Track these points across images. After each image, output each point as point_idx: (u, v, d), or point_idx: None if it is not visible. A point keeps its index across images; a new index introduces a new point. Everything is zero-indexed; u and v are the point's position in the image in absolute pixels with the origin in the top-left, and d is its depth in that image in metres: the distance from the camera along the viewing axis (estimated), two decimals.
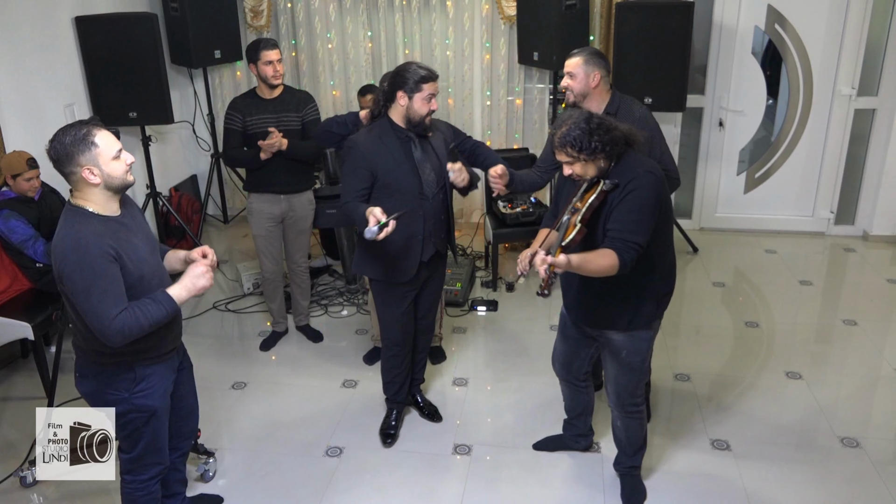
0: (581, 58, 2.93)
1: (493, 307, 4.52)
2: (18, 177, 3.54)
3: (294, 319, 4.25)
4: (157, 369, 2.34)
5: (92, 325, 2.10)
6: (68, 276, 2.08)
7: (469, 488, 3.00)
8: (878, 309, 4.41)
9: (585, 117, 2.38)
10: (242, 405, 3.59)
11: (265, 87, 3.71)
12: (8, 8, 3.91)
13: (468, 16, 5.19)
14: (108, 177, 2.14)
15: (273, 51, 3.62)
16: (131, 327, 2.10)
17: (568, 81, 2.97)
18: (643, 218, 2.38)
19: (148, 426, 2.37)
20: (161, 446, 2.45)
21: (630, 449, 2.86)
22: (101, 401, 2.34)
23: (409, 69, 2.87)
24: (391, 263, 3.00)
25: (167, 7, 4.97)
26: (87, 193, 2.16)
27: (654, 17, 4.52)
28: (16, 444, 3.29)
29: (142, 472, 2.44)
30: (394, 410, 3.35)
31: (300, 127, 3.77)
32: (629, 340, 2.60)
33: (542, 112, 5.35)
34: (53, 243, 2.15)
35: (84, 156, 2.10)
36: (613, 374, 2.70)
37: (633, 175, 2.38)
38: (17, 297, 3.69)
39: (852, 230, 5.48)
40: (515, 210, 4.68)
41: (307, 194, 3.93)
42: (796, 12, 5.04)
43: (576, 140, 2.36)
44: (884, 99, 5.13)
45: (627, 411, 2.75)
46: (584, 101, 2.96)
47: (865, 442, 3.20)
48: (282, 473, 3.11)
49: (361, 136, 2.97)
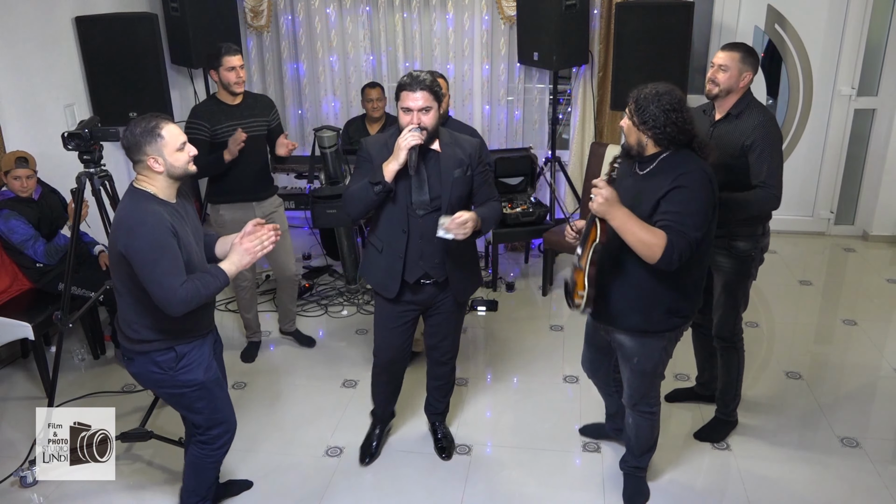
0: (739, 53, 2.81)
1: (493, 307, 4.52)
2: (8, 174, 3.54)
3: (281, 325, 4.19)
4: (195, 345, 2.47)
5: (157, 295, 2.23)
6: (136, 248, 2.22)
7: (469, 488, 3.00)
8: (878, 309, 4.41)
9: (673, 96, 2.32)
10: (242, 405, 3.59)
11: (227, 94, 3.63)
12: (8, 8, 3.91)
13: (468, 16, 5.19)
14: (171, 166, 2.32)
15: (236, 56, 3.56)
16: (193, 296, 2.26)
17: (717, 74, 2.84)
18: (694, 211, 2.29)
19: (202, 399, 2.52)
20: (225, 411, 2.63)
21: (637, 449, 2.85)
22: (150, 381, 2.51)
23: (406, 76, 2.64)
24: (379, 274, 2.84)
25: (167, 7, 4.96)
26: (151, 179, 2.34)
27: (654, 17, 4.52)
28: (16, 444, 3.29)
29: (214, 441, 2.61)
30: (376, 427, 3.20)
31: (266, 132, 3.74)
32: (640, 347, 2.56)
33: (542, 112, 5.35)
34: (116, 219, 2.32)
35: (151, 146, 2.29)
36: (627, 376, 2.69)
37: (686, 168, 2.32)
38: (18, 297, 3.69)
39: (852, 230, 5.48)
40: (515, 210, 4.68)
41: (275, 198, 3.90)
42: (796, 12, 5.05)
43: (639, 102, 2.35)
44: (884, 99, 5.13)
45: (640, 411, 2.74)
46: (724, 97, 2.86)
47: (865, 442, 3.20)
48: (282, 473, 3.11)
49: (373, 136, 2.92)
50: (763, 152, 2.77)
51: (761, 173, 2.77)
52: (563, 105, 5.28)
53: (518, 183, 4.92)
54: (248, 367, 3.94)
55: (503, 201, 4.75)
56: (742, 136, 2.80)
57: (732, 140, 2.82)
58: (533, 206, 4.70)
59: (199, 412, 2.55)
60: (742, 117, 2.84)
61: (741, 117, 2.84)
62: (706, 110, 3.02)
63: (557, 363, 3.88)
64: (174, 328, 2.39)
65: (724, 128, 2.88)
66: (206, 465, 2.66)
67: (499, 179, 4.88)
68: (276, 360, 4.03)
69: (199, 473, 2.67)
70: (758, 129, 2.77)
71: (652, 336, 2.53)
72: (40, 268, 3.68)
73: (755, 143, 2.77)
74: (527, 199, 4.79)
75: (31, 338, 3.52)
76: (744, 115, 2.84)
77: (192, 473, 2.68)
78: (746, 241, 2.92)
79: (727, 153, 2.81)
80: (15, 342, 3.75)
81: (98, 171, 2.93)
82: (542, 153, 5.22)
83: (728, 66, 2.81)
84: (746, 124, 2.80)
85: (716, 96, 2.88)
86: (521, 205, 4.72)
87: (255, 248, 2.38)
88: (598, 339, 2.79)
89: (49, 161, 3.84)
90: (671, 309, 2.49)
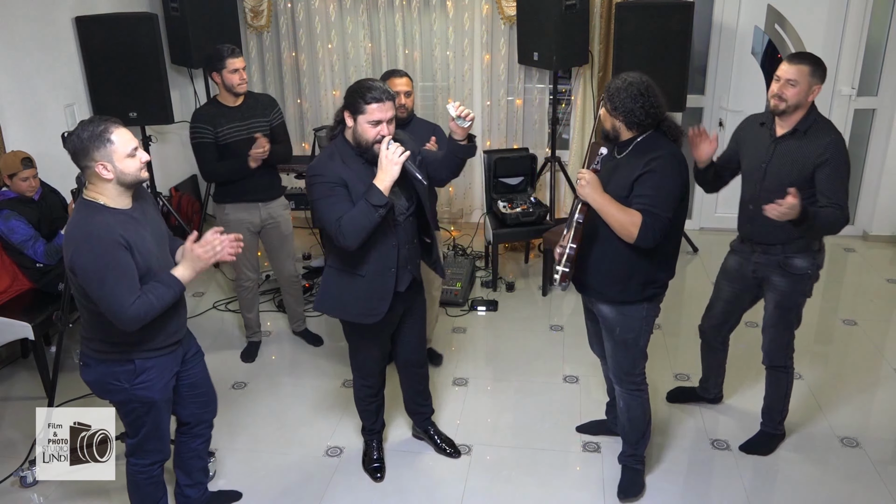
0: (808, 67, 2.67)
1: (493, 307, 4.52)
2: (15, 176, 3.54)
3: (291, 326, 4.23)
4: (157, 363, 2.38)
5: (108, 312, 2.16)
6: (82, 265, 2.14)
7: (469, 488, 3.00)
8: (878, 309, 4.41)
9: (641, 83, 2.48)
10: (242, 405, 3.59)
11: (229, 96, 3.61)
12: (8, 8, 3.91)
13: (468, 16, 5.19)
14: (121, 173, 2.20)
15: (238, 58, 3.55)
16: (146, 311, 2.19)
17: (785, 90, 2.69)
18: (665, 192, 2.44)
19: (149, 416, 2.43)
20: (162, 436, 2.51)
21: (632, 434, 2.85)
22: (103, 390, 2.41)
23: (360, 86, 2.52)
24: (360, 303, 2.70)
25: (167, 7, 4.96)
26: (99, 187, 2.22)
27: (654, 17, 4.52)
28: (16, 444, 3.29)
29: (143, 456, 2.51)
30: (373, 441, 3.14)
31: (268, 131, 3.71)
32: (620, 316, 2.65)
33: (542, 112, 5.35)
34: (65, 235, 2.22)
35: (99, 151, 2.16)
36: (611, 350, 2.75)
37: (658, 153, 2.46)
38: (18, 297, 3.69)
39: (852, 230, 5.48)
40: (515, 210, 4.68)
41: (282, 199, 3.89)
42: (796, 12, 5.04)
43: (610, 91, 2.51)
44: (883, 99, 5.13)
45: (627, 387, 2.78)
46: (791, 113, 2.72)
47: (865, 442, 3.20)
48: (282, 473, 3.11)
49: (321, 161, 2.58)
50: (834, 172, 2.65)
51: (833, 193, 2.65)
52: (563, 105, 5.28)
53: (518, 183, 4.92)
54: (248, 367, 3.94)
55: (503, 201, 4.75)
56: (812, 155, 2.68)
57: (801, 159, 2.71)
58: (533, 206, 4.70)
59: (140, 428, 2.44)
60: (810, 134, 2.71)
61: (809, 134, 2.71)
62: (764, 122, 2.87)
63: (557, 363, 3.88)
64: (133, 341, 2.30)
65: (791, 145, 2.75)
66: (140, 480, 2.54)
67: (499, 179, 4.88)
68: (276, 361, 4.03)
69: (138, 490, 2.57)
70: (830, 148, 2.65)
71: (631, 305, 2.63)
72: (40, 268, 3.68)
73: (827, 161, 2.65)
74: (527, 199, 4.78)
75: (31, 338, 3.52)
76: (812, 132, 2.71)
77: (132, 490, 2.57)
78: (804, 259, 2.82)
79: (795, 172, 2.71)
80: (15, 342, 3.75)
81: None
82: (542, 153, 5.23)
83: (797, 81, 2.67)
84: (817, 142, 2.68)
85: (783, 112, 2.73)
86: (521, 205, 4.72)
87: (206, 255, 2.28)
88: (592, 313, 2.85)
89: (49, 161, 3.84)
90: (647, 279, 2.61)
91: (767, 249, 2.88)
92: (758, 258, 2.92)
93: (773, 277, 2.90)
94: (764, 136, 2.85)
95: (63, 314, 3.10)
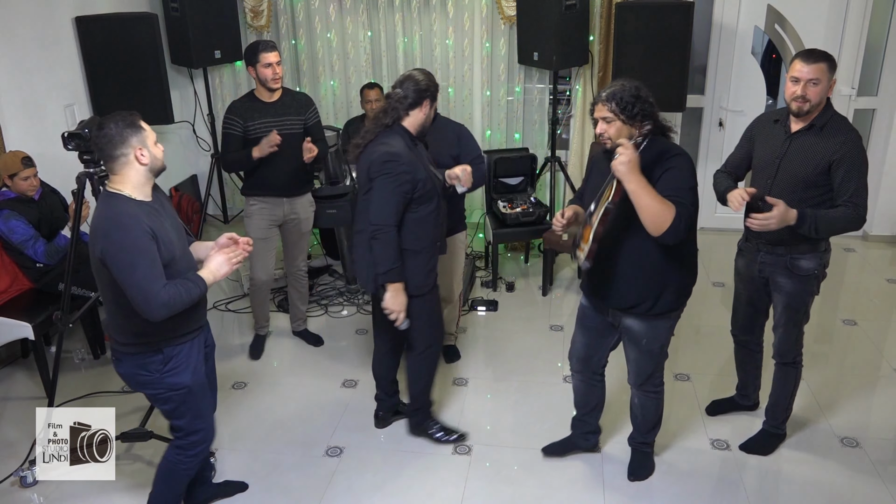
0: (824, 63, 2.61)
1: (493, 307, 4.52)
2: (15, 176, 3.53)
3: (292, 325, 4.22)
4: (183, 348, 2.44)
5: (137, 300, 2.20)
6: (113, 254, 2.19)
7: (469, 488, 3.00)
8: (878, 309, 4.41)
9: (637, 86, 2.43)
10: (242, 405, 3.59)
11: (264, 91, 3.63)
12: (8, 8, 3.91)
13: (468, 16, 5.19)
14: (154, 158, 2.33)
15: (272, 53, 3.55)
16: (175, 301, 2.24)
17: (808, 90, 2.62)
18: (689, 187, 2.40)
19: (186, 403, 2.48)
20: (206, 418, 2.59)
21: (644, 426, 2.92)
22: (137, 383, 2.46)
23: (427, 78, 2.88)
24: (423, 274, 2.93)
25: (167, 7, 4.96)
26: (126, 177, 2.30)
27: (654, 17, 4.52)
28: (16, 444, 3.29)
29: (192, 447, 2.57)
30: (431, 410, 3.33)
31: (302, 130, 3.73)
32: (649, 329, 2.62)
33: (542, 112, 5.35)
34: (93, 227, 2.28)
35: (136, 137, 2.27)
36: (634, 357, 2.74)
37: (673, 153, 2.43)
38: (18, 297, 3.69)
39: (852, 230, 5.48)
40: (515, 210, 4.68)
41: (308, 196, 3.91)
42: (796, 12, 5.04)
43: (623, 99, 2.40)
44: (883, 99, 5.13)
45: (645, 391, 2.81)
46: (813, 111, 2.67)
47: (865, 442, 3.20)
48: (282, 473, 3.11)
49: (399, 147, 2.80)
50: (851, 169, 2.61)
51: (848, 191, 2.62)
52: (563, 105, 5.28)
53: (518, 183, 4.92)
54: (248, 367, 3.94)
55: (503, 201, 4.75)
56: (828, 151, 2.64)
57: (816, 154, 2.67)
58: (533, 206, 4.70)
59: (181, 416, 2.51)
60: (826, 130, 2.67)
61: (826, 130, 2.67)
62: (778, 119, 2.83)
63: (557, 363, 3.88)
64: (160, 330, 2.35)
65: (807, 140, 2.70)
66: (179, 471, 2.60)
67: (499, 179, 4.88)
68: (276, 360, 4.03)
69: (170, 481, 2.62)
70: (846, 145, 2.62)
71: (661, 318, 2.60)
72: (40, 268, 3.68)
73: (843, 158, 2.61)
74: (527, 199, 4.78)
75: (31, 338, 3.52)
76: (829, 128, 2.67)
77: (162, 480, 2.62)
78: (810, 260, 2.81)
79: (809, 167, 2.68)
80: (15, 342, 3.75)
81: (98, 171, 2.90)
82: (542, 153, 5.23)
83: (819, 79, 2.60)
84: (833, 139, 2.64)
85: (807, 112, 2.68)
86: (521, 205, 4.72)
87: (232, 260, 2.41)
88: (597, 321, 2.78)
89: (49, 161, 3.84)
90: (679, 289, 2.58)
91: (772, 249, 2.86)
92: (763, 258, 2.91)
93: (780, 279, 2.88)
94: (778, 132, 2.81)
95: (63, 314, 3.10)
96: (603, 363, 2.91)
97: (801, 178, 2.68)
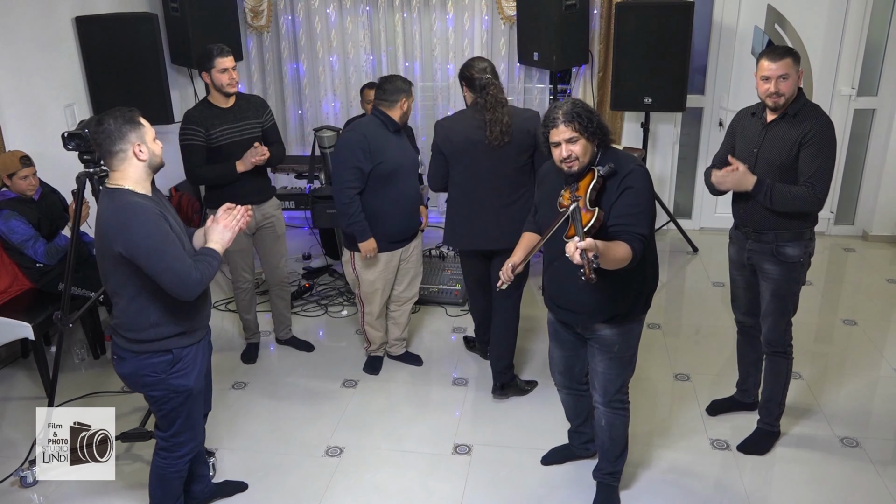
0: (789, 58, 2.75)
1: None
2: (14, 176, 3.53)
3: (277, 334, 4.14)
4: (191, 350, 2.45)
5: (173, 283, 2.22)
6: (137, 243, 2.19)
7: (469, 488, 3.00)
8: (878, 309, 4.41)
9: (581, 102, 2.44)
10: (242, 405, 3.59)
11: (220, 96, 3.54)
12: (8, 8, 3.91)
13: (468, 16, 5.19)
14: (153, 154, 2.33)
15: (228, 58, 3.48)
16: (206, 275, 2.29)
17: (778, 86, 2.76)
18: (645, 210, 2.41)
19: (184, 406, 2.48)
20: (196, 424, 2.59)
21: (612, 452, 2.80)
22: (139, 383, 2.44)
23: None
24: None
25: (167, 7, 4.96)
26: (125, 173, 2.29)
27: (654, 17, 4.52)
28: (16, 444, 3.29)
29: (176, 449, 2.55)
30: None
31: (261, 133, 3.67)
32: (621, 335, 2.60)
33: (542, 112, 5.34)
34: (105, 224, 2.26)
35: (135, 133, 2.27)
36: (603, 368, 2.66)
37: (629, 168, 2.41)
38: (18, 297, 3.69)
39: (852, 230, 5.48)
40: None
41: (274, 200, 3.84)
42: (796, 12, 5.04)
43: (581, 116, 2.37)
44: (883, 99, 5.13)
45: (614, 407, 2.72)
46: (786, 103, 2.79)
47: (865, 442, 3.20)
48: (282, 473, 3.11)
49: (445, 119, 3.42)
50: (817, 151, 2.74)
51: (810, 171, 2.74)
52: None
53: None
54: (248, 368, 3.94)
55: None
56: (798, 134, 2.76)
57: (789, 140, 2.79)
58: None
59: (175, 419, 2.49)
60: (799, 117, 2.80)
61: (798, 117, 2.80)
62: (755, 112, 2.96)
63: None
64: (174, 329, 2.37)
65: (781, 128, 2.83)
66: (169, 475, 2.58)
67: None
68: (276, 361, 4.03)
69: (164, 486, 2.60)
70: (815, 128, 2.75)
71: (632, 321, 2.61)
72: (40, 268, 3.68)
73: (811, 140, 2.73)
74: None
75: (31, 338, 3.52)
76: (800, 115, 2.80)
77: (157, 487, 2.61)
78: (795, 247, 2.89)
79: (784, 153, 2.79)
80: (15, 342, 3.75)
81: (98, 171, 2.90)
82: None
83: (788, 74, 2.75)
84: (803, 124, 2.77)
85: (782, 106, 2.81)
86: None
87: (231, 224, 2.43)
88: (569, 334, 2.74)
89: (49, 161, 3.84)
90: (643, 289, 2.59)
91: (760, 237, 2.93)
92: (751, 245, 2.98)
93: (766, 265, 2.95)
94: (756, 124, 2.93)
95: (63, 314, 3.09)
96: (585, 372, 2.85)
97: (778, 164, 2.81)
